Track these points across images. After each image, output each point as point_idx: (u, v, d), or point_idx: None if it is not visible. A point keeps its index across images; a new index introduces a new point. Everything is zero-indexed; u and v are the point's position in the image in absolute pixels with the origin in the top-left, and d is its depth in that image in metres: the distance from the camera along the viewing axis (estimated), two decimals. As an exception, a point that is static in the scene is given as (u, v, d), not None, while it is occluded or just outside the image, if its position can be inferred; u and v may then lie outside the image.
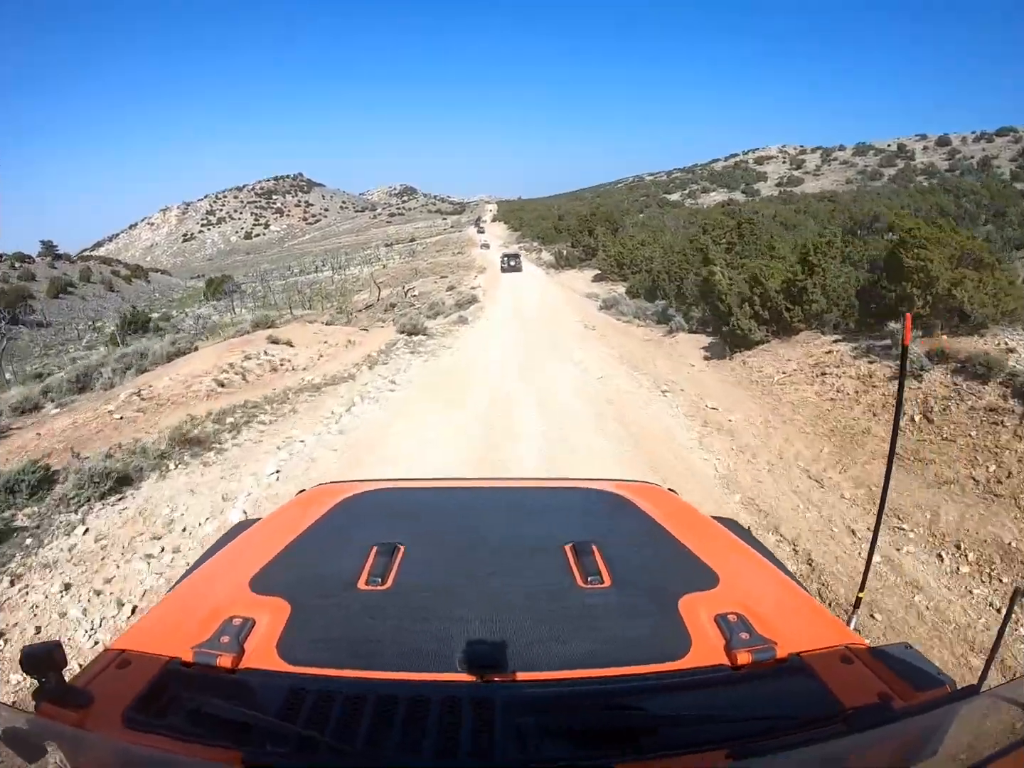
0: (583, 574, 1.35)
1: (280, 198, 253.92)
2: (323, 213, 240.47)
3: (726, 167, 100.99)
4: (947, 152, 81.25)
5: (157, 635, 1.21)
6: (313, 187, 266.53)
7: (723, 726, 0.97)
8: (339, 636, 1.15)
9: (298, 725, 0.93)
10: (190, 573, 1.67)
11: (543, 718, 0.95)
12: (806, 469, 5.94)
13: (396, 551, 1.45)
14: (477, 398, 8.93)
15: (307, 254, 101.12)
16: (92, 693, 1.00)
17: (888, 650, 1.10)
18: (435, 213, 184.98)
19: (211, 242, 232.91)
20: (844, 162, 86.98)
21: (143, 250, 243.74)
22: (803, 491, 5.48)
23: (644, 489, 2.16)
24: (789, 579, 1.53)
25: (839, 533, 4.72)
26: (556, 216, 55.45)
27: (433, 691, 1.00)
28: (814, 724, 0.94)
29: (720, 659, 1.08)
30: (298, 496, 2.24)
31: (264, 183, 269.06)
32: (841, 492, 5.39)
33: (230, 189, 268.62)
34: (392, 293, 25.58)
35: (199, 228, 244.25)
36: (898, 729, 0.92)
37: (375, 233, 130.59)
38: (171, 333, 18.83)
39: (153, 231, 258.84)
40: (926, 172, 69.22)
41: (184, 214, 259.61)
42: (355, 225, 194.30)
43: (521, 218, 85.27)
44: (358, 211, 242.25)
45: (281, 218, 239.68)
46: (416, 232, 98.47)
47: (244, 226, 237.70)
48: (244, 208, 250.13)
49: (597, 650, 1.11)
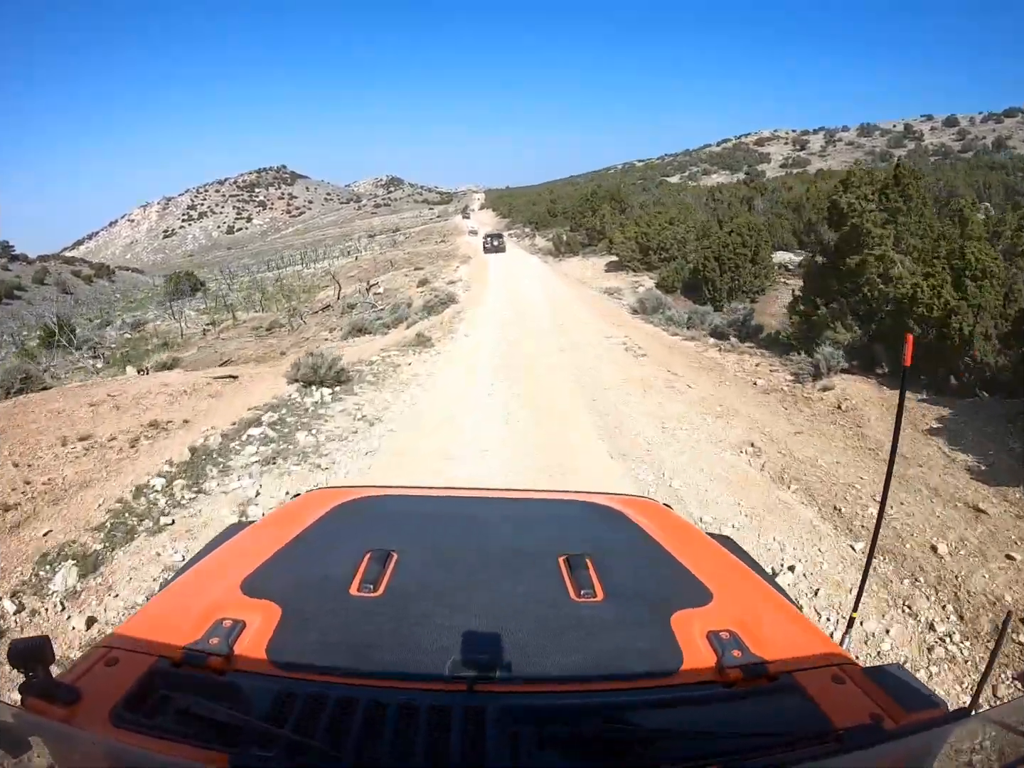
0: (576, 587, 1.34)
1: (263, 191, 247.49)
2: (307, 205, 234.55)
3: (725, 149, 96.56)
4: (956, 132, 78.99)
5: (147, 634, 1.19)
6: (297, 179, 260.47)
7: (713, 743, 0.95)
8: (329, 641, 1.14)
9: (286, 729, 0.92)
10: (182, 572, 1.66)
11: (533, 729, 0.94)
12: None
13: (389, 558, 1.44)
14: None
15: (288, 247, 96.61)
16: (80, 689, 0.98)
17: (880, 671, 1.08)
18: (422, 203, 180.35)
19: (192, 237, 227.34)
20: (850, 143, 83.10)
21: (123, 247, 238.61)
22: None
23: (640, 504, 2.15)
24: (782, 597, 1.53)
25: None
26: (549, 200, 50.49)
27: (423, 699, 0.99)
28: (805, 743, 0.93)
29: (712, 675, 1.07)
30: (294, 500, 2.26)
31: (247, 176, 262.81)
32: None
33: (212, 183, 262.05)
34: (357, 290, 21.08)
35: (180, 223, 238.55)
36: (888, 750, 0.90)
37: (359, 224, 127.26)
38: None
39: (133, 228, 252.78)
40: (939, 153, 65.95)
41: (165, 209, 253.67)
42: (339, 217, 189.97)
43: (510, 204, 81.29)
44: (343, 203, 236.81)
45: (264, 211, 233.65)
46: (401, 222, 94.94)
47: (226, 220, 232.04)
48: (226, 202, 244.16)
49: (589, 663, 1.10)
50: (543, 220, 45.53)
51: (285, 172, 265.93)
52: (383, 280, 23.25)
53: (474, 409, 7.34)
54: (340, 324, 14.25)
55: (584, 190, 37.86)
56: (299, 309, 19.07)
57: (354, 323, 13.42)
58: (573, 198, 36.55)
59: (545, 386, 8.15)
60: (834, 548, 4.16)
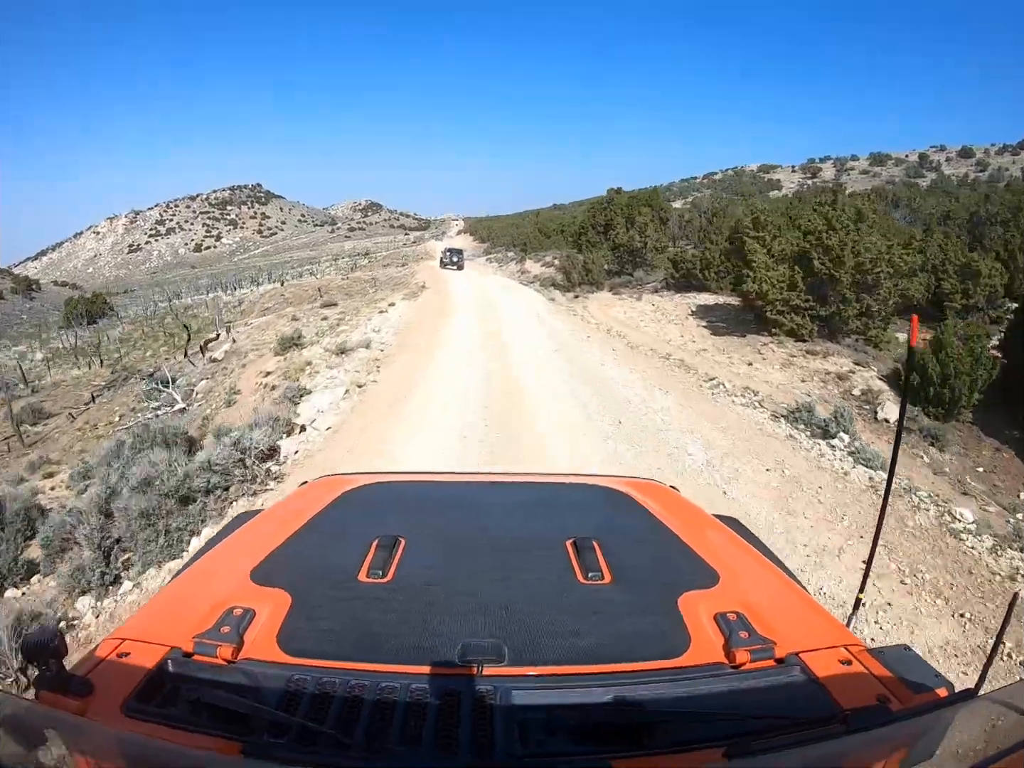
0: (584, 570, 1.33)
1: (235, 209, 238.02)
2: (279, 226, 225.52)
3: (727, 175, 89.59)
4: (974, 163, 74.07)
5: (157, 625, 1.20)
6: (271, 199, 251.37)
7: (720, 724, 0.95)
8: (339, 628, 1.14)
9: (298, 716, 0.92)
10: (191, 563, 1.65)
11: (542, 713, 0.94)
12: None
13: (397, 544, 1.43)
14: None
15: (250, 268, 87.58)
16: (92, 682, 0.97)
17: (886, 652, 1.09)
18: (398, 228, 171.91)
19: (157, 254, 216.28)
20: (864, 172, 76.60)
21: (85, 260, 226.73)
22: None
23: (646, 486, 2.13)
24: (789, 579, 1.51)
25: None
26: (534, 222, 41.39)
27: (432, 684, 0.99)
28: (811, 724, 0.92)
29: (719, 658, 1.07)
30: (300, 488, 2.21)
31: (220, 193, 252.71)
32: None
33: (182, 198, 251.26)
34: (223, 330, 11.49)
35: (146, 239, 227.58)
36: (895, 731, 0.90)
37: (330, 248, 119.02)
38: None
39: (98, 240, 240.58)
40: (964, 184, 59.80)
41: (132, 223, 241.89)
42: (312, 239, 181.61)
43: (491, 227, 73.20)
44: (317, 225, 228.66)
45: (235, 230, 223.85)
46: (373, 247, 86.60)
47: (194, 238, 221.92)
48: (196, 218, 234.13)
49: (596, 646, 1.10)
50: (533, 241, 36.66)
51: (260, 191, 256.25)
52: (251, 327, 13.40)
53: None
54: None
55: (600, 198, 28.36)
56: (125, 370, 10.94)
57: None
58: (592, 204, 27.00)
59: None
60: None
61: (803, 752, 0.85)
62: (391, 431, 6.76)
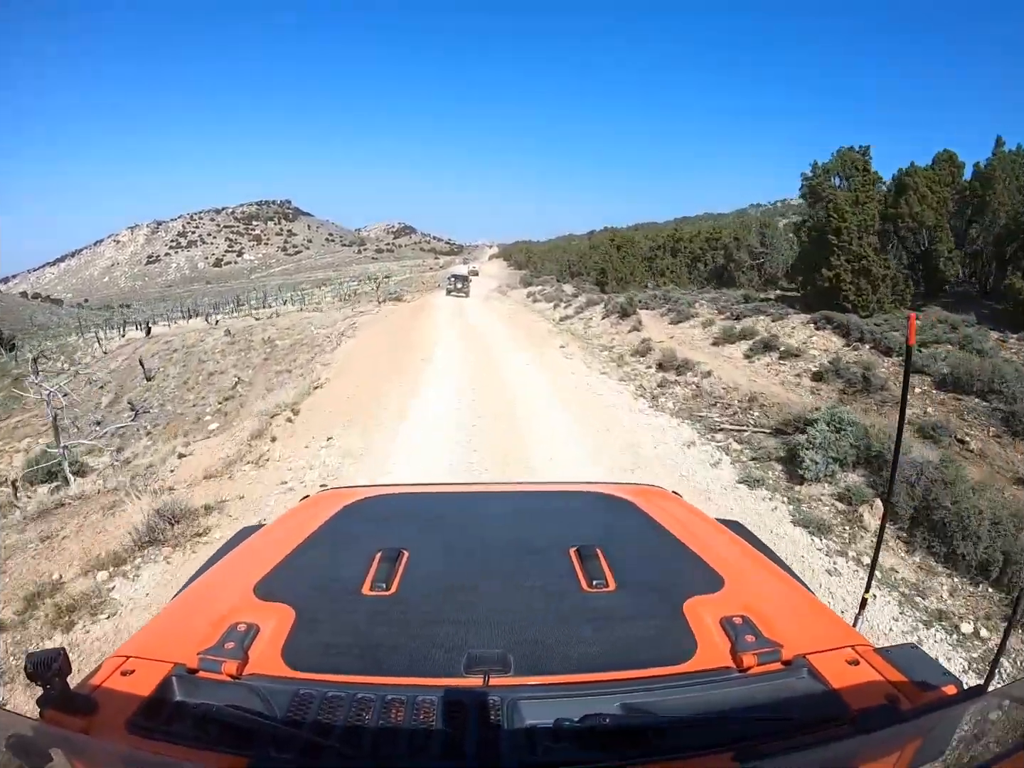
0: (588, 578, 1.31)
1: (261, 224, 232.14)
2: (305, 244, 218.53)
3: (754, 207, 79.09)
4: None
5: (161, 641, 1.18)
6: (299, 216, 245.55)
7: (729, 729, 0.94)
8: (344, 642, 1.12)
9: (303, 731, 0.91)
10: (194, 579, 1.61)
11: (549, 722, 0.93)
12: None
13: (400, 556, 1.41)
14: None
15: (264, 287, 79.21)
16: (97, 700, 0.97)
17: (894, 651, 1.07)
18: (428, 252, 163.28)
19: (176, 267, 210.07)
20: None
21: (102, 269, 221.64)
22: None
23: (648, 492, 2.11)
24: (794, 581, 1.49)
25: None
26: (609, 243, 30.35)
27: (439, 696, 0.97)
28: (821, 726, 0.92)
29: (726, 662, 1.05)
30: (302, 501, 2.17)
31: (247, 207, 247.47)
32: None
33: (208, 210, 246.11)
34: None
35: (167, 250, 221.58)
36: (905, 730, 0.89)
37: (354, 269, 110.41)
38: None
39: (117, 249, 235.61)
40: None
41: (154, 233, 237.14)
42: (336, 259, 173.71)
43: (529, 250, 62.82)
44: (344, 245, 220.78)
45: (258, 246, 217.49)
46: (398, 269, 78.27)
47: (215, 252, 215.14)
48: (220, 232, 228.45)
49: (602, 654, 1.08)
50: (618, 268, 25.69)
51: (288, 207, 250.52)
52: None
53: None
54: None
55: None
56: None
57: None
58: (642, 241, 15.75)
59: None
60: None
61: (813, 754, 0.84)
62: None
